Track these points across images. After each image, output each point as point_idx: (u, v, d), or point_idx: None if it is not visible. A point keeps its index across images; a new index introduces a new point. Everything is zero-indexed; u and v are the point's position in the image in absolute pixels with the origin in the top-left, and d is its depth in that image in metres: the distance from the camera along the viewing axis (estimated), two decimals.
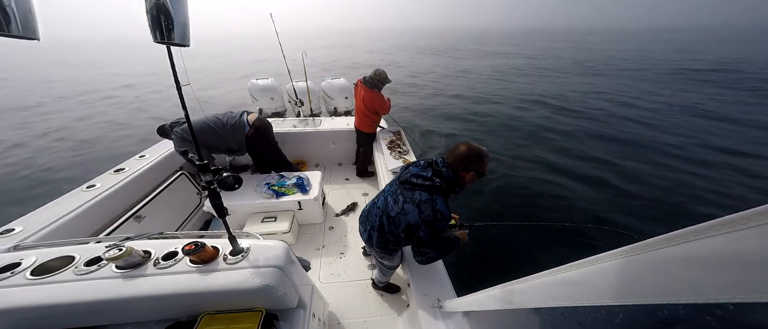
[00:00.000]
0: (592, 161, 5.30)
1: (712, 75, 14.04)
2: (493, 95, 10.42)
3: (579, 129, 6.85)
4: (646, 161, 5.27)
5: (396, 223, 1.36)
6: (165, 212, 2.38)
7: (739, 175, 4.81)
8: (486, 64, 19.31)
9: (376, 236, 1.50)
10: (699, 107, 8.54)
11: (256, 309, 1.06)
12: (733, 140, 6.14)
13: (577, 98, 9.87)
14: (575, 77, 14.09)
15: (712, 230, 0.33)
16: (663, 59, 20.72)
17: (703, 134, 6.49)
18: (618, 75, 14.61)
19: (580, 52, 27.29)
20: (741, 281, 0.31)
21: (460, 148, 1.29)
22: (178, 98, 0.82)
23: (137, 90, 13.36)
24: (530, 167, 5.13)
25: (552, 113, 8.11)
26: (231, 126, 2.50)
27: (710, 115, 7.85)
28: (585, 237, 3.23)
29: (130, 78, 16.85)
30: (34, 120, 8.79)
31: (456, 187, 1.30)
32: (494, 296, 0.90)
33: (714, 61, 19.09)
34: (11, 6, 0.59)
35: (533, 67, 18.12)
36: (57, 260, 1.03)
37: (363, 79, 3.01)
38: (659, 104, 8.98)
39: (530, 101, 9.41)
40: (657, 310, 0.41)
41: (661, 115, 7.86)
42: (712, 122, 7.28)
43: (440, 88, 12.08)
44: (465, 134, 6.87)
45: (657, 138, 6.27)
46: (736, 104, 8.94)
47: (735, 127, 6.97)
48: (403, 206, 1.31)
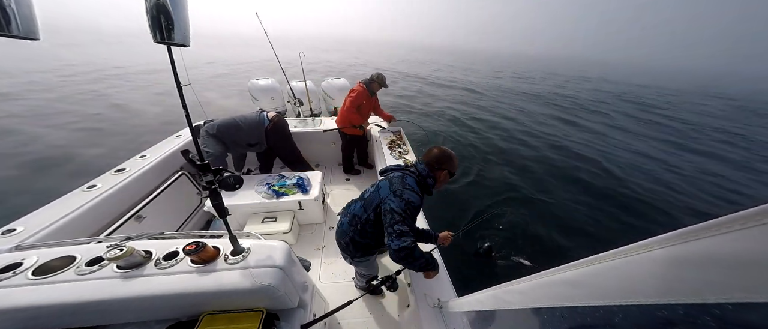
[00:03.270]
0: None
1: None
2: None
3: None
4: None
5: (369, 202, 1.42)
6: (166, 212, 2.38)
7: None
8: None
9: (352, 231, 1.48)
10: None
11: (256, 309, 1.06)
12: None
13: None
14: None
15: (710, 230, 0.34)
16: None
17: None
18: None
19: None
20: (740, 281, 0.31)
21: (433, 151, 1.51)
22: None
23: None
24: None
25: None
26: (253, 121, 2.80)
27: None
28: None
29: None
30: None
31: (429, 179, 1.45)
32: (494, 296, 0.90)
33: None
34: (11, 6, 0.60)
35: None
36: (58, 260, 1.04)
37: (362, 80, 3.13)
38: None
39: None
40: (656, 310, 0.41)
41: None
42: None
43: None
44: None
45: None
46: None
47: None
48: (377, 185, 1.45)
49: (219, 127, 2.63)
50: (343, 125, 3.25)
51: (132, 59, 18.76)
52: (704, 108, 17.34)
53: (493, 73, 26.60)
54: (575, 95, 16.80)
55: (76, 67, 14.43)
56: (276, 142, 2.96)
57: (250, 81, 4.79)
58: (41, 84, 10.24)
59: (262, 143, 2.88)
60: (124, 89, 10.63)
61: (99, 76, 12.57)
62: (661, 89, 26.74)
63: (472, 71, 26.23)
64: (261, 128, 2.82)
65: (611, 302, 0.48)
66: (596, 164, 5.93)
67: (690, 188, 5.34)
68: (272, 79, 4.80)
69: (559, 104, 13.18)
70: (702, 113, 15.41)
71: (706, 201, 4.98)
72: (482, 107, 10.75)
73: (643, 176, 5.57)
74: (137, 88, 10.90)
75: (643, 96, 20.25)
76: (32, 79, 10.87)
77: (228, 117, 2.76)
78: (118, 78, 12.46)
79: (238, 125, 2.73)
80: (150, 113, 7.97)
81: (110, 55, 20.61)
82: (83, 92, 9.63)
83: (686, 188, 5.35)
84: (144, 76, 13.28)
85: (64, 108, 7.79)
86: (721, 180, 5.97)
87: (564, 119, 10.22)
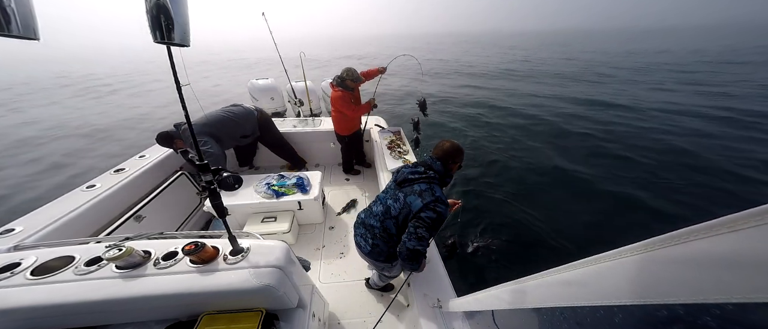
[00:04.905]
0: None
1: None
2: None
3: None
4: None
5: (401, 216, 1.41)
6: (165, 212, 2.38)
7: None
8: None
9: (382, 244, 1.48)
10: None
11: (256, 309, 1.06)
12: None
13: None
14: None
15: (711, 230, 0.34)
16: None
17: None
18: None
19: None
20: (740, 281, 0.31)
21: (445, 144, 1.48)
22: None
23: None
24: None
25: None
26: (243, 113, 2.90)
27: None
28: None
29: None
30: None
31: (447, 178, 1.46)
32: (494, 296, 0.90)
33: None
34: (11, 6, 0.59)
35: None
36: (57, 260, 1.03)
37: (334, 78, 2.98)
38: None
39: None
40: (656, 310, 0.41)
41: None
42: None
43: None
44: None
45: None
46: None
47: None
48: (405, 201, 1.40)
49: (214, 123, 2.63)
50: (340, 130, 3.25)
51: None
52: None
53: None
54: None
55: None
56: (268, 129, 3.15)
57: (250, 81, 4.79)
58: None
59: (255, 132, 3.03)
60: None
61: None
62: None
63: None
64: (253, 118, 2.95)
65: (611, 302, 0.48)
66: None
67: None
68: (272, 79, 4.81)
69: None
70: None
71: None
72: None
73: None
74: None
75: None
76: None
77: (215, 114, 2.76)
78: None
79: (233, 119, 2.77)
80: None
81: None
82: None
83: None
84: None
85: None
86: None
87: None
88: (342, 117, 3.11)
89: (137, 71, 21.25)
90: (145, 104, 11.00)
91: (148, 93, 13.19)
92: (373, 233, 1.51)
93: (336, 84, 2.95)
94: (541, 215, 3.66)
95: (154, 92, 13.48)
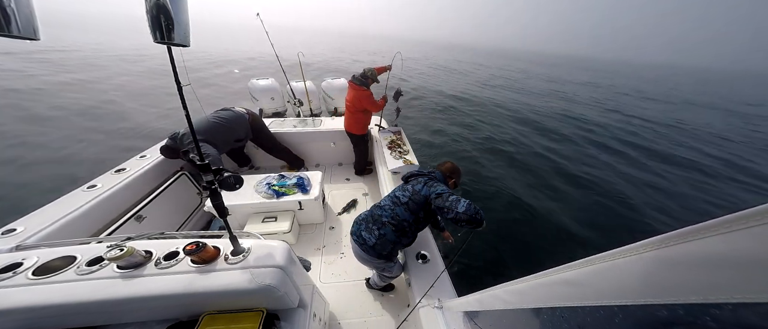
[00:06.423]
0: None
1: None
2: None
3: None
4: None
5: (412, 204, 1.57)
6: (166, 212, 2.38)
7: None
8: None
9: (390, 233, 1.54)
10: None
11: (257, 309, 1.06)
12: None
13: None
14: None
15: (710, 230, 0.34)
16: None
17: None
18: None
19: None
20: (739, 281, 0.31)
21: (446, 164, 1.81)
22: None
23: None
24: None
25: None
26: (235, 117, 2.84)
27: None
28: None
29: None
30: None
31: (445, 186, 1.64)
32: (494, 296, 0.91)
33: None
34: (11, 6, 0.60)
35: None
36: (58, 260, 1.04)
37: (352, 78, 2.99)
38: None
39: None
40: (656, 310, 0.41)
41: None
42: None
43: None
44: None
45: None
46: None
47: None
48: (413, 189, 1.61)
49: (208, 129, 2.55)
50: (357, 129, 3.22)
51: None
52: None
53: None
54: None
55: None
56: (260, 131, 3.12)
57: (250, 81, 4.78)
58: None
59: (248, 135, 3.01)
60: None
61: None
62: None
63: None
64: (244, 121, 2.91)
65: (611, 302, 0.48)
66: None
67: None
68: (272, 79, 4.80)
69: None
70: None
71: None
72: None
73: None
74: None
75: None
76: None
77: (205, 120, 2.65)
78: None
79: (225, 125, 2.70)
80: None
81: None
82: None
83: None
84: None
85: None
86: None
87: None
88: (362, 116, 3.11)
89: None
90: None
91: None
92: (381, 222, 1.58)
93: (358, 83, 2.95)
94: (544, 213, 3.67)
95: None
